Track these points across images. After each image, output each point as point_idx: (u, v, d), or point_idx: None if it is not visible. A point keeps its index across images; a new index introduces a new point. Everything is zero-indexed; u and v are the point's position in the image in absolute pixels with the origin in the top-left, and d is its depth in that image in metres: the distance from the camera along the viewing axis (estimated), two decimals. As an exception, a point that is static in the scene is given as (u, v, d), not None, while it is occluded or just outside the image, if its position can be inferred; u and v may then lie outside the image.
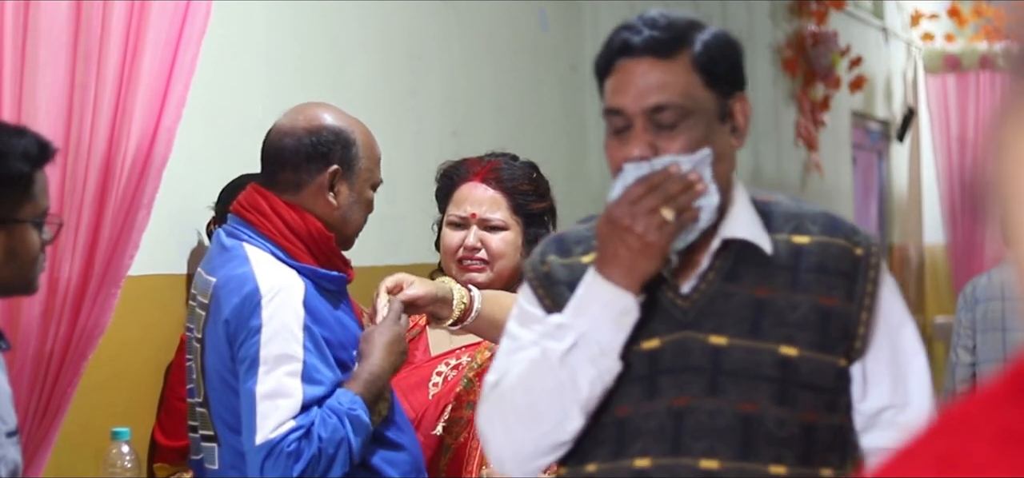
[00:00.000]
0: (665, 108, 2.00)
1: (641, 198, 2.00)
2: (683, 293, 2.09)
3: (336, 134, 2.82)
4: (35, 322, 2.93)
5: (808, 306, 2.06)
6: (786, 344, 2.05)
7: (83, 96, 2.93)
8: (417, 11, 4.69)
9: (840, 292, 2.07)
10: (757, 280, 2.07)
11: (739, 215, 2.09)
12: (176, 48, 3.09)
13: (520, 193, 3.17)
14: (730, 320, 2.06)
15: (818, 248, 2.08)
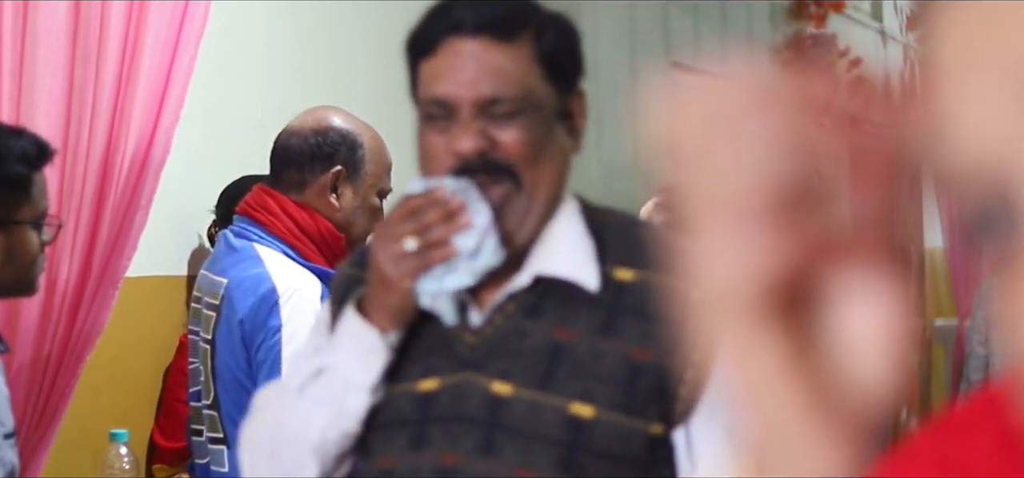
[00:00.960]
0: (500, 101, 1.68)
1: (394, 221, 1.70)
2: (474, 326, 1.72)
3: (342, 136, 2.82)
4: (33, 324, 2.93)
5: (616, 358, 1.67)
6: (580, 401, 1.66)
7: (81, 97, 2.93)
8: (417, 11, 4.68)
9: (659, 343, 1.65)
10: (560, 318, 1.69)
11: (559, 242, 1.71)
12: (174, 48, 3.09)
13: None
14: (520, 365, 1.69)
15: (642, 286, 1.68)
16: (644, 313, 1.67)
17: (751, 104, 0.57)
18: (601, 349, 1.67)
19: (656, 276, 1.68)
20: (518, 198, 1.68)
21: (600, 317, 1.68)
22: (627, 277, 1.69)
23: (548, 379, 1.67)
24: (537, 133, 1.69)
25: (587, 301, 1.69)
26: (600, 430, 1.66)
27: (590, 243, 1.71)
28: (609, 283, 1.69)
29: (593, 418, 1.66)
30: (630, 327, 1.67)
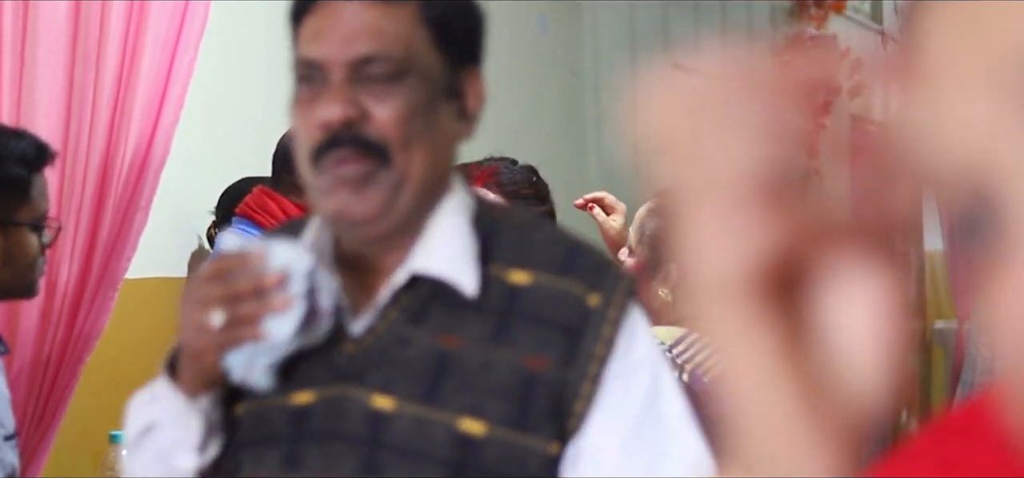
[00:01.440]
0: (375, 60, 1.48)
1: (202, 284, 1.50)
2: (353, 333, 1.53)
3: None
4: (33, 325, 2.93)
5: (509, 368, 1.48)
6: (470, 416, 1.48)
7: (81, 98, 2.93)
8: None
9: (555, 352, 1.48)
10: (446, 325, 1.51)
11: (439, 238, 1.52)
12: (174, 49, 3.09)
13: (521, 197, 3.16)
14: (402, 376, 1.50)
15: (538, 291, 1.50)
16: (540, 319, 1.49)
17: (737, 91, 0.56)
18: (492, 359, 1.48)
19: (555, 279, 1.50)
20: (385, 178, 1.48)
21: (491, 323, 1.50)
22: (522, 280, 1.51)
23: (433, 392, 1.49)
24: (417, 107, 1.49)
25: (477, 306, 1.50)
26: (492, 449, 1.47)
27: (472, 241, 1.52)
28: (502, 286, 1.51)
29: (484, 436, 1.47)
30: (524, 334, 1.48)
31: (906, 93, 0.54)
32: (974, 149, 0.51)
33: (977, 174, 0.51)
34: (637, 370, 1.50)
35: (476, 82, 1.60)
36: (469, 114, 1.58)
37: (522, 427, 1.47)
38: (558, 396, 1.48)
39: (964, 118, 0.51)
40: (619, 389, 1.49)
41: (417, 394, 1.49)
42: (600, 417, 1.48)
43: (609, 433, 1.48)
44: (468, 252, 1.51)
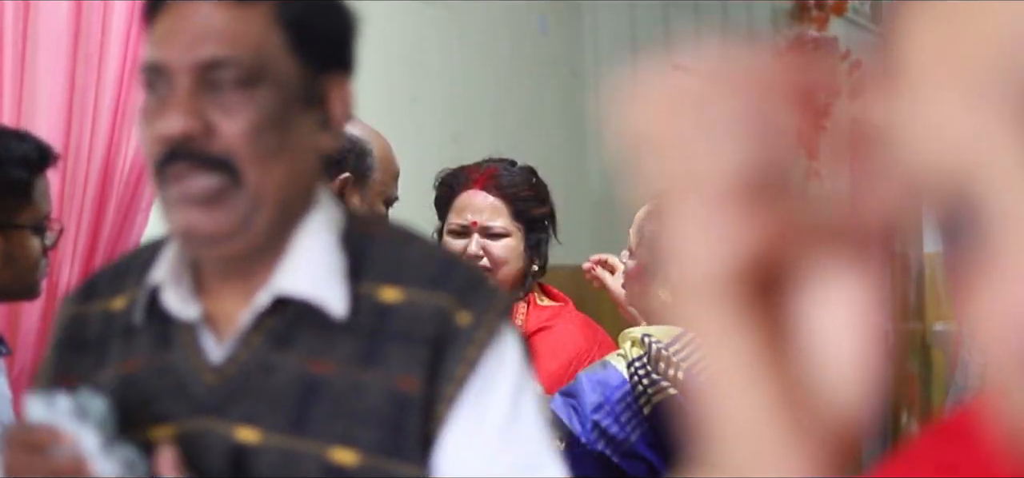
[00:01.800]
0: (224, 64, 1.36)
1: (14, 446, 1.36)
2: (214, 362, 1.42)
3: (351, 142, 2.82)
4: (34, 327, 2.93)
5: (380, 391, 1.38)
6: (342, 446, 1.37)
7: (83, 99, 2.94)
8: (417, 16, 4.69)
9: (422, 371, 1.38)
10: (314, 349, 1.40)
11: (304, 257, 1.41)
12: None
13: (521, 199, 3.17)
14: (268, 406, 1.39)
15: (409, 308, 1.40)
16: (410, 337, 1.38)
17: (722, 90, 0.56)
18: (362, 382, 1.38)
19: (426, 294, 1.40)
20: (237, 196, 1.37)
21: (361, 344, 1.39)
22: (392, 298, 1.40)
23: (302, 421, 1.38)
24: (270, 117, 1.37)
25: (347, 327, 1.40)
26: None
27: (339, 258, 1.42)
28: (372, 304, 1.40)
29: (357, 466, 1.36)
30: (395, 354, 1.38)
31: (888, 96, 0.54)
32: (955, 153, 0.51)
33: (958, 178, 0.51)
34: (497, 395, 1.39)
35: (341, 89, 1.48)
36: (333, 124, 1.46)
37: (396, 454, 1.37)
38: (424, 418, 1.38)
39: (944, 122, 0.51)
40: (475, 414, 1.38)
41: (283, 424, 1.38)
42: (452, 443, 1.38)
43: (460, 460, 1.38)
44: (335, 270, 1.41)
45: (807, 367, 0.56)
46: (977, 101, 0.50)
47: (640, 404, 2.73)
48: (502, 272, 3.13)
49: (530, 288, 3.20)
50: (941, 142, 0.51)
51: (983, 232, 0.51)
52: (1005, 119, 0.49)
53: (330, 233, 1.44)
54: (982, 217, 0.51)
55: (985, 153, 0.50)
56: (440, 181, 3.24)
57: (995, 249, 0.50)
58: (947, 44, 0.51)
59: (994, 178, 0.50)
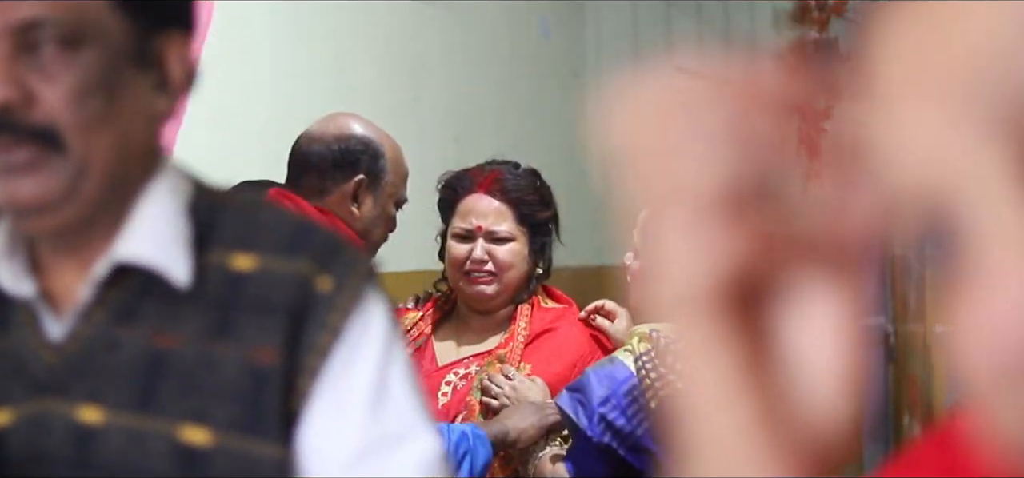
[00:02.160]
0: (42, 25, 1.26)
1: None
2: (52, 339, 1.33)
3: (365, 144, 2.83)
4: None
5: (236, 365, 1.30)
6: (193, 423, 1.29)
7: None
8: (420, 17, 4.69)
9: (279, 340, 1.30)
10: (161, 322, 1.32)
11: (145, 224, 1.33)
12: None
13: (526, 203, 3.17)
14: (113, 384, 1.31)
15: (264, 275, 1.32)
16: (266, 306, 1.30)
17: (702, 98, 0.56)
18: (214, 356, 1.30)
19: (282, 261, 1.32)
20: (60, 164, 1.28)
21: (212, 316, 1.31)
22: (245, 266, 1.32)
23: (149, 399, 1.29)
24: (96, 81, 1.28)
25: (196, 298, 1.31)
26: (221, 459, 1.29)
27: (183, 225, 1.33)
28: (223, 274, 1.32)
29: (210, 445, 1.28)
30: (249, 325, 1.30)
31: (863, 107, 0.54)
32: (932, 165, 0.51)
33: (936, 191, 0.51)
34: (363, 365, 1.32)
35: (181, 48, 1.34)
36: (172, 86, 1.34)
37: (252, 431, 1.29)
38: (283, 392, 1.30)
39: (921, 134, 0.51)
40: (341, 386, 1.31)
41: (129, 403, 1.29)
42: (318, 418, 1.30)
43: (326, 436, 1.30)
44: (179, 237, 1.32)
45: (789, 381, 0.56)
46: (954, 113, 0.50)
47: (647, 398, 2.75)
48: (507, 277, 3.13)
49: (534, 290, 3.20)
50: (918, 154, 0.51)
51: (961, 246, 0.51)
52: (982, 131, 0.49)
53: (174, 200, 1.34)
54: (960, 230, 0.50)
55: (962, 166, 0.50)
56: (444, 184, 3.24)
57: (973, 263, 0.50)
58: (923, 55, 0.51)
59: (971, 191, 0.50)
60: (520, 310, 3.18)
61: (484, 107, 5.08)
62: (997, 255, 0.49)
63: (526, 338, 3.12)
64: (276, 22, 4.02)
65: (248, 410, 1.29)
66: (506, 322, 3.18)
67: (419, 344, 3.17)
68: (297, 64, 4.12)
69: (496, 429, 2.87)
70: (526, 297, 3.19)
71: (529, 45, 5.42)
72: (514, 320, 3.17)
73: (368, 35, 4.45)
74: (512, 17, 5.28)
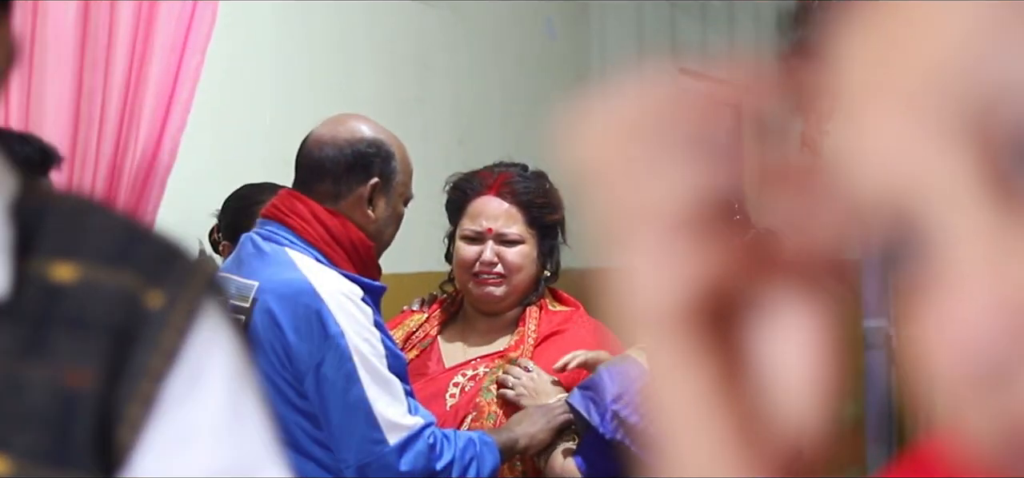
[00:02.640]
0: None
1: None
2: None
3: (377, 146, 2.83)
4: None
5: (44, 387, 1.14)
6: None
7: (90, 102, 2.94)
8: (425, 19, 4.70)
9: (99, 364, 1.14)
10: None
11: None
12: (182, 52, 3.09)
13: (535, 206, 3.17)
14: None
15: (85, 288, 1.16)
16: (84, 322, 1.15)
17: (667, 115, 0.56)
18: (22, 377, 1.15)
19: (107, 271, 1.17)
20: None
21: (24, 333, 1.15)
22: (66, 276, 1.16)
23: None
24: None
25: (7, 312, 1.15)
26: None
27: (3, 227, 1.18)
28: (41, 285, 1.16)
29: (9, 475, 1.15)
30: (64, 343, 1.14)
31: (827, 116, 0.54)
32: (895, 170, 0.50)
33: (900, 199, 0.51)
34: (208, 389, 1.17)
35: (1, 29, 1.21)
36: None
37: (59, 461, 1.14)
38: (101, 419, 1.14)
39: (885, 143, 0.51)
40: (182, 414, 1.16)
41: None
42: (153, 450, 1.16)
43: (166, 470, 1.16)
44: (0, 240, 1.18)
45: (762, 395, 0.56)
46: (920, 118, 0.50)
47: None
48: (516, 279, 3.13)
49: (542, 293, 3.21)
50: (884, 159, 0.51)
51: (925, 255, 0.50)
52: (947, 136, 0.49)
53: None
54: (924, 239, 0.50)
55: (928, 170, 0.50)
56: (452, 185, 3.23)
57: (938, 271, 0.50)
58: (886, 64, 0.51)
59: (937, 195, 0.49)
60: (529, 312, 3.18)
61: (489, 108, 5.09)
62: (963, 260, 0.49)
63: (536, 340, 3.12)
64: (281, 23, 4.03)
65: (55, 437, 1.14)
66: (513, 324, 3.18)
67: (425, 345, 3.17)
68: (302, 65, 4.13)
69: (505, 437, 2.88)
70: (534, 299, 3.19)
71: (534, 46, 5.42)
72: (523, 322, 3.18)
73: (373, 36, 4.45)
74: (517, 18, 5.28)
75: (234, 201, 3.53)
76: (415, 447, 2.69)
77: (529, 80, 5.37)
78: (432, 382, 3.10)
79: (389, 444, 2.68)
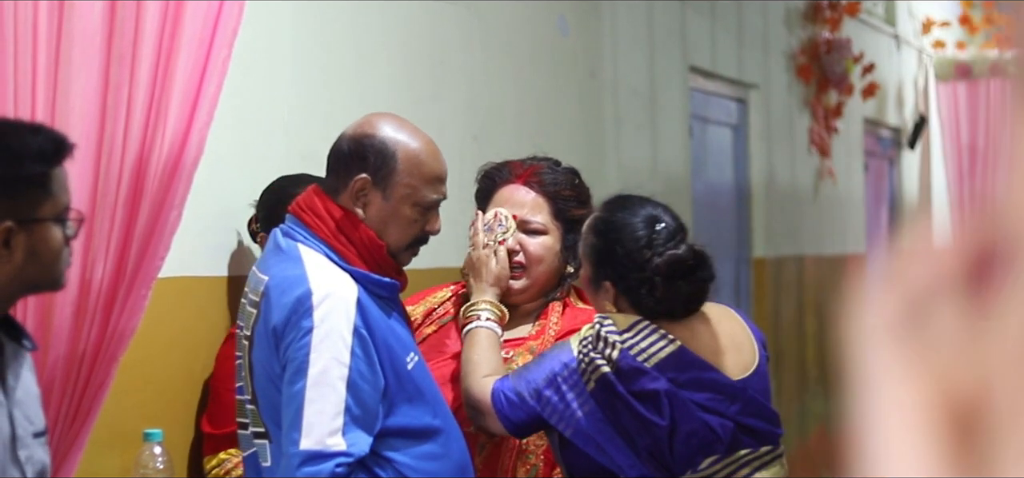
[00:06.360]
0: None
1: None
2: None
3: (375, 144, 2.83)
4: (67, 323, 2.93)
5: None
6: None
7: (116, 97, 2.94)
8: (439, 16, 4.73)
9: None
10: None
11: None
12: (209, 49, 3.08)
13: (562, 198, 3.17)
14: None
15: None
16: None
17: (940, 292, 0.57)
18: None
19: None
20: None
21: None
22: None
23: None
24: None
25: None
26: None
27: None
28: None
29: None
30: None
31: None
32: None
33: None
34: None
35: None
36: None
37: None
38: None
39: None
40: None
41: None
42: None
43: None
44: None
45: None
46: None
47: (584, 380, 2.82)
48: (536, 271, 3.13)
49: (567, 291, 3.20)
50: None
51: None
52: None
53: None
54: None
55: None
56: (483, 174, 3.24)
57: None
58: None
59: None
60: (552, 307, 3.17)
61: (502, 105, 5.12)
62: None
63: (558, 332, 3.11)
64: (298, 21, 4.06)
65: None
66: (535, 316, 3.18)
67: (444, 322, 3.18)
68: (319, 62, 4.16)
69: None
70: (558, 295, 3.18)
71: (547, 44, 5.45)
72: (545, 315, 3.17)
73: (388, 34, 4.48)
74: (531, 16, 5.31)
75: (269, 193, 3.56)
76: (318, 465, 2.67)
77: (542, 77, 5.40)
78: (448, 365, 3.10)
79: (298, 447, 2.67)
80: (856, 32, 8.72)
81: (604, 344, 2.81)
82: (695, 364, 2.85)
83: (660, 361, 2.83)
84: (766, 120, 7.65)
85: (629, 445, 2.83)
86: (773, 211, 7.73)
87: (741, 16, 7.34)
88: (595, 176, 5.66)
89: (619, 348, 2.80)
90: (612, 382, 2.80)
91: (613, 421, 2.82)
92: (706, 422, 2.83)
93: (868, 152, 9.48)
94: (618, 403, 2.81)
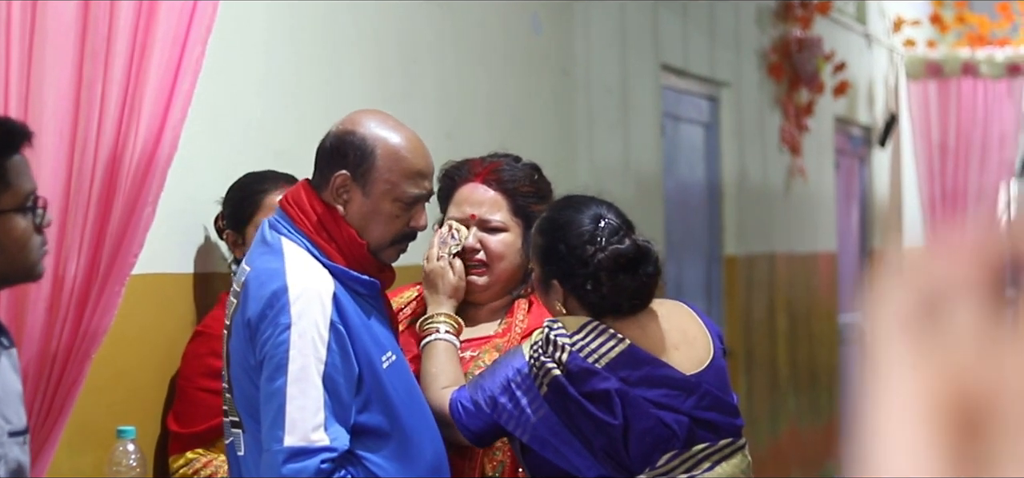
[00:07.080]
0: None
1: None
2: None
3: (355, 140, 2.84)
4: (40, 320, 2.92)
5: None
6: None
7: (90, 94, 2.94)
8: (411, 14, 4.74)
9: None
10: None
11: None
12: (183, 47, 3.08)
13: (521, 194, 3.18)
14: None
15: None
16: None
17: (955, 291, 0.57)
18: None
19: None
20: None
21: None
22: None
23: None
24: None
25: None
26: None
27: None
28: None
29: None
30: None
31: None
32: None
33: None
34: None
35: None
36: None
37: None
38: None
39: None
40: None
41: None
42: None
43: None
44: None
45: None
46: None
47: (537, 384, 2.85)
48: (499, 268, 3.14)
49: (531, 288, 3.21)
50: None
51: None
52: None
53: None
54: None
55: None
56: (443, 174, 3.26)
57: None
58: None
59: None
60: (518, 304, 3.18)
61: (475, 103, 5.13)
62: None
63: (524, 330, 3.12)
64: (271, 20, 4.07)
65: None
66: (501, 313, 3.19)
67: (411, 322, 3.19)
68: (291, 59, 4.16)
69: None
70: (523, 293, 3.19)
71: (520, 42, 5.46)
72: (511, 313, 3.18)
73: (361, 32, 4.49)
74: (504, 14, 5.33)
75: (236, 190, 3.57)
76: (304, 461, 2.68)
77: (515, 75, 5.41)
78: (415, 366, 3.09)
79: (283, 444, 2.68)
80: (827, 31, 8.76)
81: (554, 347, 2.83)
82: (646, 361, 2.88)
83: (611, 360, 2.85)
84: (737, 118, 7.68)
85: (585, 446, 2.85)
86: (744, 209, 7.76)
87: (713, 14, 7.37)
88: (567, 173, 5.68)
89: (568, 350, 2.83)
90: (563, 385, 2.82)
91: (568, 423, 2.84)
92: (660, 418, 2.85)
93: (839, 150, 9.52)
94: (571, 405, 2.83)
